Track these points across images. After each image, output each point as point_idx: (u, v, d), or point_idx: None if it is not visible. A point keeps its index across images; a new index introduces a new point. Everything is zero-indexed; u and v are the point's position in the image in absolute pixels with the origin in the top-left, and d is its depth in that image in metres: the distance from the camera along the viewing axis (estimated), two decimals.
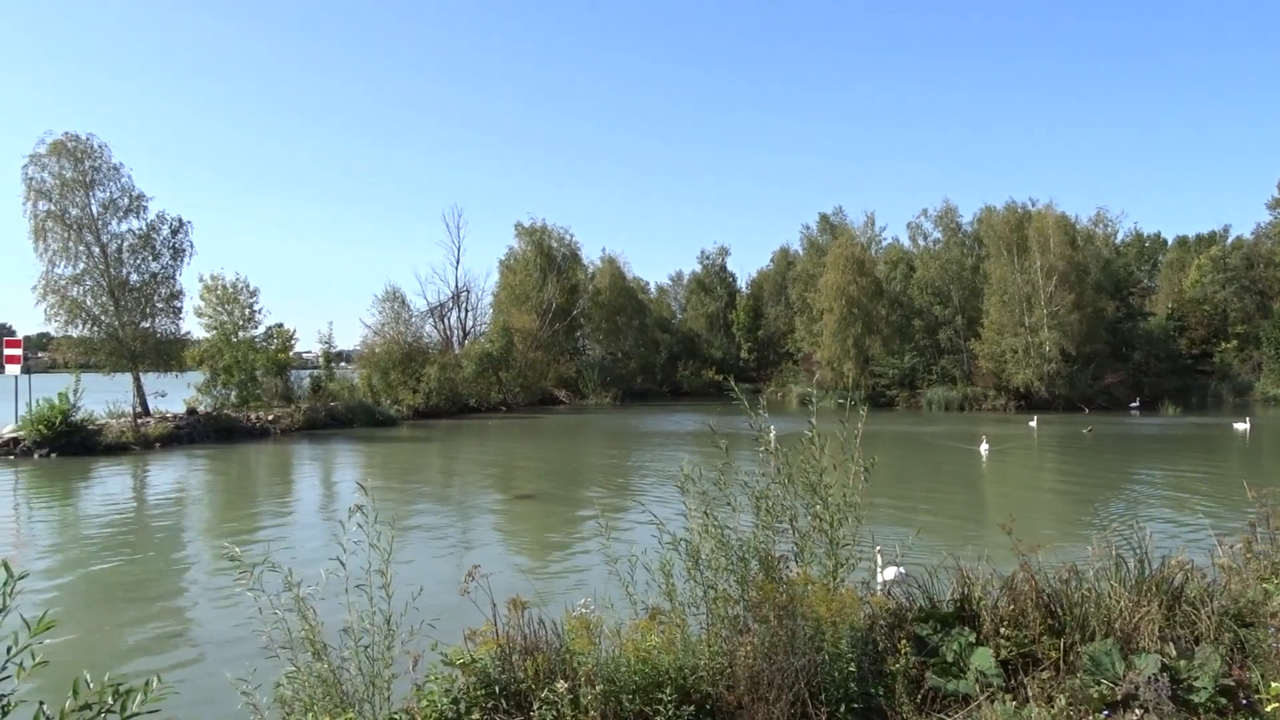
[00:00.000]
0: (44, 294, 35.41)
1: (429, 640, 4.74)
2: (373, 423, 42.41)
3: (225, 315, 40.96)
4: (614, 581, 5.19)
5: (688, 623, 4.87)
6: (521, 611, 4.91)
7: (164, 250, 38.11)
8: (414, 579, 4.57)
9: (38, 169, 35.46)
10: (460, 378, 52.92)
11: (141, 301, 37.22)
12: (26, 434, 30.04)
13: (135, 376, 36.86)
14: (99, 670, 3.00)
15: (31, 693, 2.79)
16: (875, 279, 60.15)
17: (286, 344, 42.82)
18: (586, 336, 72.97)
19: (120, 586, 13.30)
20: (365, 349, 52.25)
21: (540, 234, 68.25)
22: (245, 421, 37.58)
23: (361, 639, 4.55)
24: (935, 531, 15.32)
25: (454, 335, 63.09)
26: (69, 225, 35.69)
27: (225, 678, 7.81)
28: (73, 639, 9.92)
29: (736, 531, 5.06)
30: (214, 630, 10.69)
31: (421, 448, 34.81)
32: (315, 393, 43.66)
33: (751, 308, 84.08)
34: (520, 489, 23.18)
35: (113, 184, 36.81)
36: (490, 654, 4.68)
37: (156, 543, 16.87)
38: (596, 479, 25.30)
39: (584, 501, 20.95)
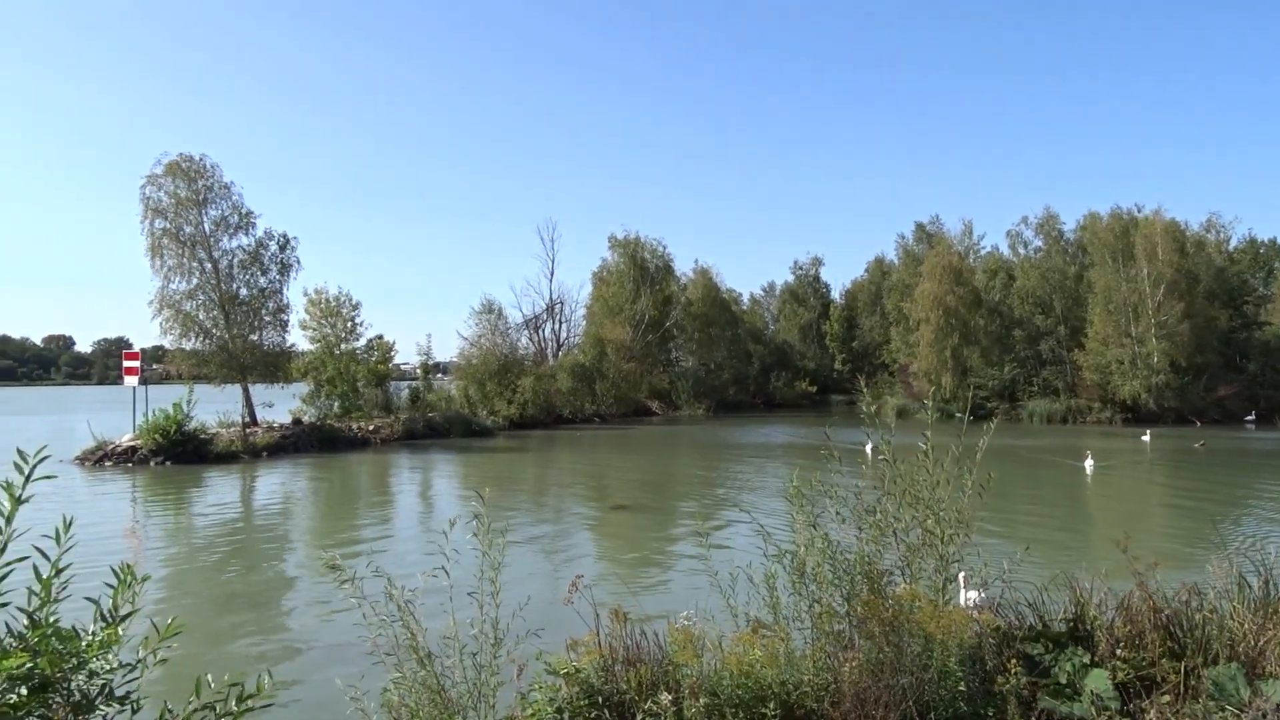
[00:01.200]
0: (160, 308, 36.93)
1: (533, 649, 4.79)
2: (469, 433, 43.09)
3: (328, 328, 42.11)
4: (713, 593, 5.18)
5: (791, 637, 4.84)
6: (624, 622, 4.94)
7: (271, 265, 39.40)
8: (514, 588, 4.64)
9: (154, 189, 37.05)
10: (555, 389, 53.43)
11: (250, 315, 38.52)
12: (144, 442, 31.35)
13: (244, 388, 38.13)
14: (210, 671, 3.11)
15: (151, 691, 2.91)
16: (973, 288, 58.85)
17: (386, 356, 43.81)
18: (679, 348, 72.89)
19: (230, 591, 13.76)
20: (462, 360, 53.11)
21: (633, 246, 68.55)
22: (347, 431, 38.55)
23: (467, 646, 4.62)
24: (1039, 549, 14.90)
25: (548, 347, 63.76)
26: (183, 242, 37.16)
27: (329, 683, 8.06)
28: (184, 640, 10.31)
29: (840, 545, 5.01)
30: (321, 636, 10.98)
31: (517, 458, 35.24)
32: (414, 403, 44.54)
33: (845, 318, 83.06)
34: (614, 500, 23.27)
35: (224, 202, 38.27)
36: (594, 664, 4.72)
37: (264, 549, 17.42)
38: (690, 490, 25.26)
39: (678, 513, 20.94)
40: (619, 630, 4.89)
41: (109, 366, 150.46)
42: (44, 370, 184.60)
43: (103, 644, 2.71)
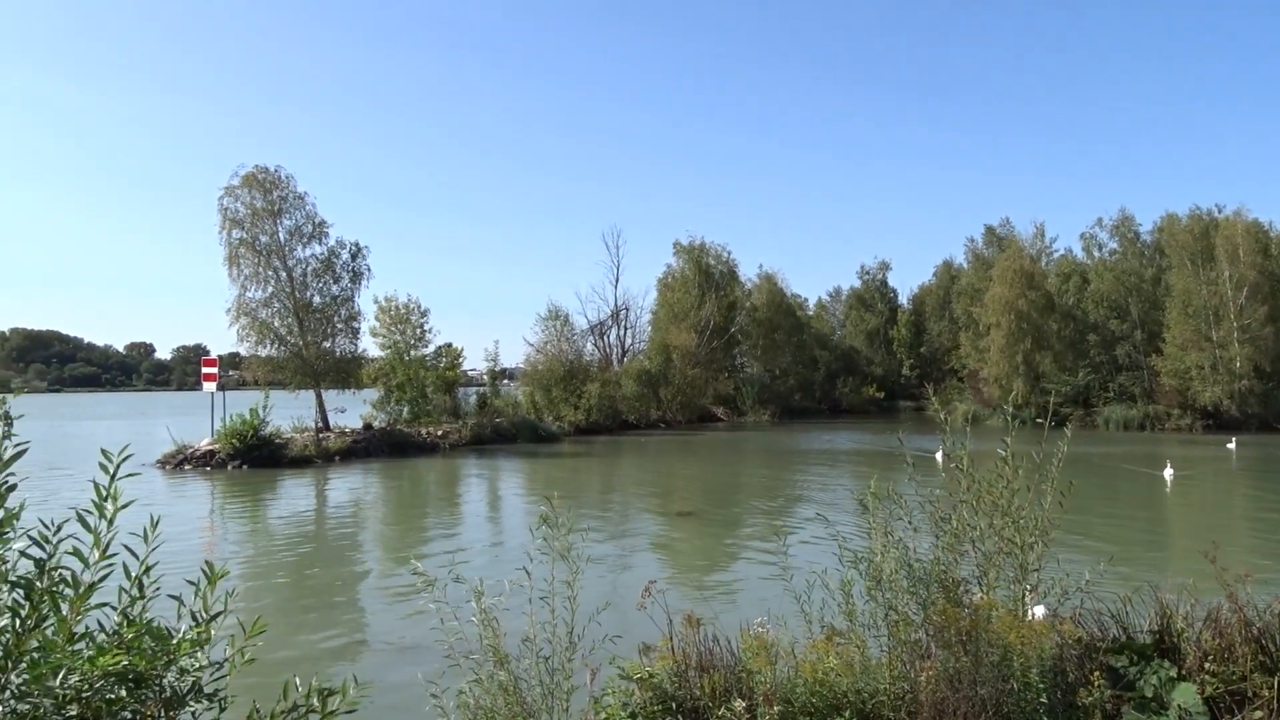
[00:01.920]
0: (236, 316, 37.81)
1: (606, 654, 4.80)
2: (536, 438, 43.38)
3: (398, 335, 42.76)
4: (785, 599, 5.14)
5: (867, 645, 4.78)
6: (697, 628, 4.92)
7: (344, 274, 40.11)
8: (584, 593, 4.66)
9: (232, 199, 38.01)
10: (620, 395, 53.58)
11: (323, 322, 39.26)
12: (221, 447, 32.14)
13: (317, 393, 38.86)
14: (289, 670, 3.16)
15: (234, 688, 2.97)
16: (1046, 292, 57.63)
17: (454, 362, 44.36)
18: (744, 354, 72.56)
19: (306, 591, 14.03)
20: (528, 366, 53.52)
21: (698, 252, 68.49)
22: (416, 437, 39.05)
23: (541, 650, 4.65)
24: (1118, 559, 14.53)
25: (614, 353, 63.97)
26: (259, 251, 38.03)
27: (404, 683, 8.18)
28: (264, 641, 10.53)
29: (915, 552, 4.94)
30: (395, 636, 11.13)
31: (583, 463, 35.38)
32: (481, 409, 44.98)
33: (913, 323, 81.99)
34: (680, 506, 23.24)
35: (298, 212, 39.09)
36: (667, 669, 4.71)
37: (338, 551, 17.73)
38: (756, 497, 25.12)
39: (745, 519, 20.84)
40: (692, 636, 4.88)
41: (188, 373, 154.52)
42: (126, 376, 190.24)
43: (193, 642, 2.77)
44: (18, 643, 2.50)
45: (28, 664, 2.50)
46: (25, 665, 2.50)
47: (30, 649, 2.52)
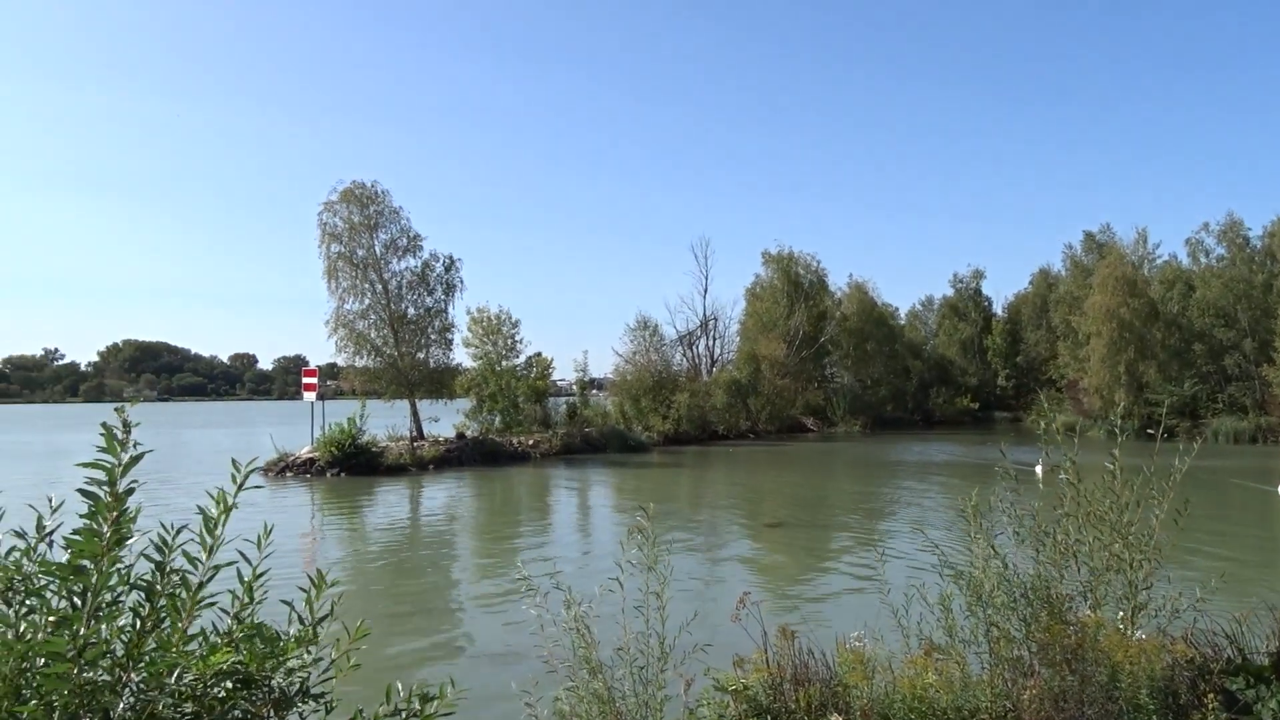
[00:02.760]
0: (335, 327, 38.83)
1: (699, 665, 4.78)
2: (625, 448, 43.52)
3: (490, 345, 43.33)
4: (881, 613, 5.05)
5: (967, 661, 4.66)
6: (791, 640, 4.87)
7: (437, 286, 40.85)
8: (676, 603, 4.64)
9: (330, 214, 39.07)
10: (709, 405, 53.42)
11: (418, 334, 40.04)
12: (321, 455, 33.02)
13: (412, 403, 39.60)
14: (388, 675, 3.22)
15: (337, 691, 3.03)
16: (1149, 300, 55.65)
17: (544, 372, 44.78)
18: (834, 364, 71.74)
19: (402, 597, 14.30)
20: (617, 377, 53.73)
21: (787, 261, 68.01)
22: (508, 446, 39.53)
23: (635, 660, 4.65)
24: (1229, 577, 13.91)
25: (702, 363, 63.84)
26: (356, 265, 39.00)
27: (498, 689, 8.27)
28: (364, 644, 10.77)
29: (1016, 567, 4.81)
30: (488, 643, 11.27)
31: (672, 474, 35.37)
32: (571, 419, 45.30)
33: (1009, 332, 79.98)
34: (770, 517, 23.04)
35: (393, 226, 39.94)
36: (761, 682, 4.67)
37: (432, 558, 18.03)
38: (848, 508, 24.77)
39: (836, 531, 20.57)
40: (786, 648, 4.83)
41: (288, 383, 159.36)
42: (230, 386, 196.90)
43: (299, 642, 2.85)
44: (138, 642, 2.61)
45: (146, 662, 2.60)
46: (144, 663, 2.60)
47: (149, 648, 2.62)
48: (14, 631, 2.61)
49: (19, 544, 2.79)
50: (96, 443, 2.58)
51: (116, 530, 2.57)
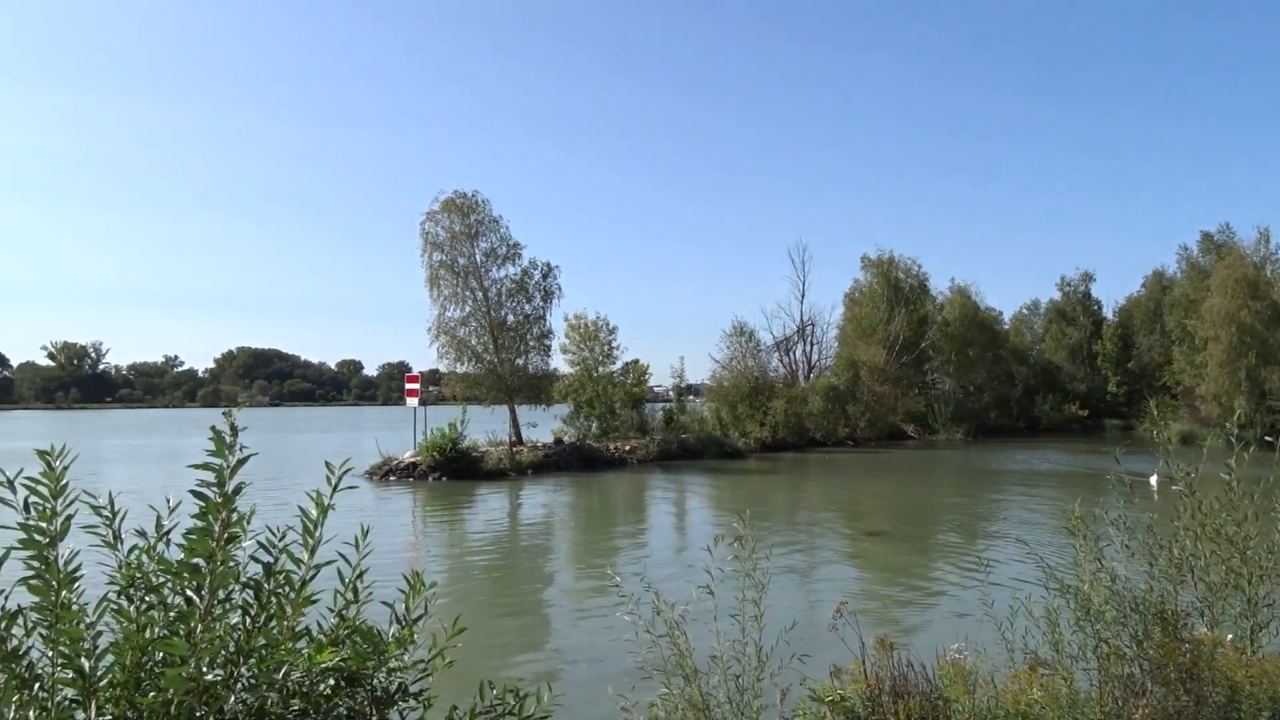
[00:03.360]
0: (437, 335, 39.61)
1: (795, 674, 4.73)
2: (721, 454, 43.32)
3: (587, 352, 43.65)
4: (983, 626, 4.92)
5: (1075, 677, 4.51)
6: (890, 651, 4.78)
7: (535, 293, 41.31)
8: (772, 611, 4.59)
9: (432, 224, 39.92)
10: (806, 411, 52.85)
11: (517, 340, 40.57)
12: (423, 459, 33.75)
13: (511, 408, 40.14)
14: (483, 674, 3.26)
15: (434, 689, 3.09)
16: (1272, 303, 53.03)
17: (641, 378, 44.93)
18: (936, 370, 70.20)
19: (500, 599, 14.52)
20: (714, 383, 53.53)
21: (887, 265, 66.85)
22: (605, 451, 39.78)
23: (730, 667, 4.62)
24: None
25: (800, 369, 63.22)
26: (457, 273, 39.75)
27: (592, 693, 8.32)
28: (460, 645, 10.97)
29: (1128, 581, 4.63)
30: (584, 647, 11.36)
31: (769, 480, 35.12)
32: (668, 425, 45.33)
33: (1119, 337, 77.11)
34: (869, 525, 22.71)
35: (493, 235, 40.54)
36: (859, 693, 4.59)
37: (530, 561, 18.27)
38: (949, 518, 24.22)
39: (937, 541, 20.15)
40: (885, 659, 4.74)
41: (392, 388, 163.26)
42: (337, 392, 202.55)
43: (400, 643, 2.92)
44: (247, 639, 2.70)
45: (256, 659, 2.70)
46: (254, 660, 2.70)
47: (258, 645, 2.72)
48: (135, 626, 2.74)
49: (139, 543, 2.92)
50: (208, 446, 2.69)
51: (227, 530, 2.68)
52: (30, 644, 2.71)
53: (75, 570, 2.74)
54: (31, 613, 2.72)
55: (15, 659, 2.64)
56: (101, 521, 2.92)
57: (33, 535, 2.69)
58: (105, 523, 2.93)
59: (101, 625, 2.73)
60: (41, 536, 2.69)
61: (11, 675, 2.59)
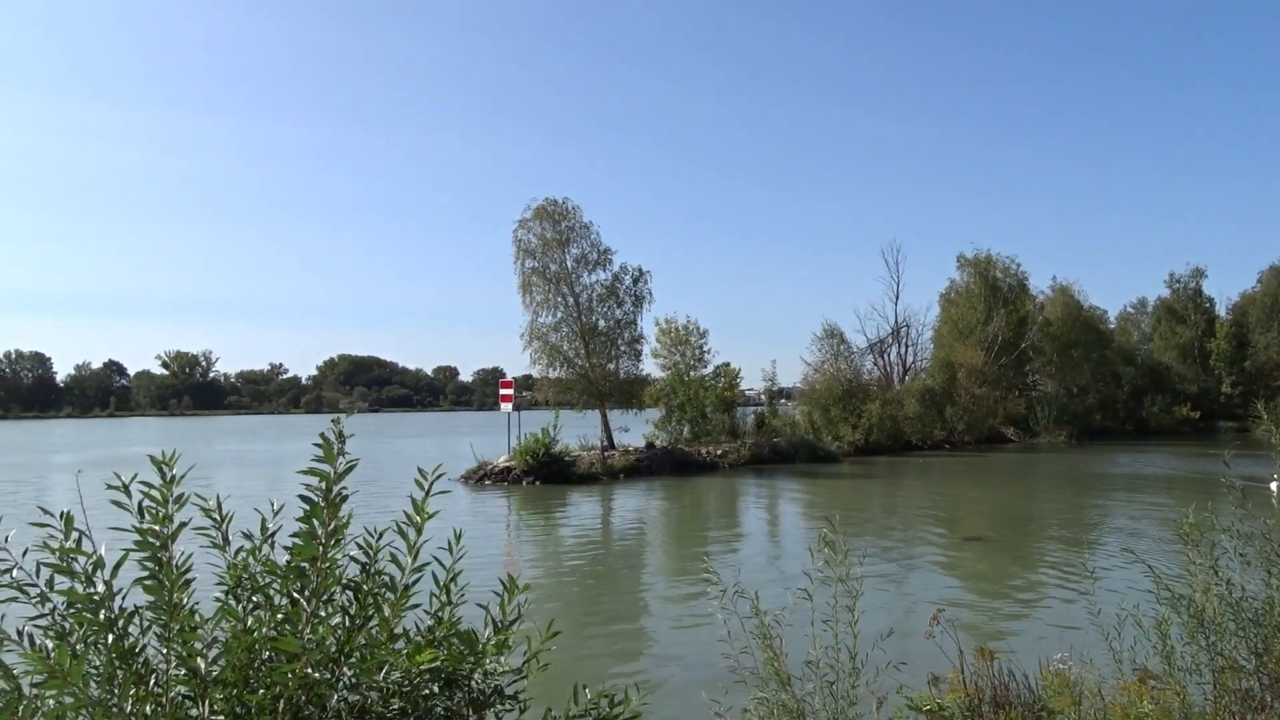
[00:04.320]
0: (529, 340, 40.17)
1: (892, 682, 4.65)
2: (814, 458, 42.86)
3: (678, 356, 43.66)
4: (1089, 635, 4.77)
5: (1187, 690, 4.33)
6: (990, 660, 4.67)
7: (626, 298, 41.55)
8: (867, 617, 4.52)
9: (524, 231, 40.49)
10: (902, 414, 51.97)
11: (608, 345, 40.86)
12: (517, 464, 34.18)
13: (603, 413, 40.42)
14: (577, 677, 3.28)
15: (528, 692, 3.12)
16: None
17: (732, 382, 44.71)
18: (1037, 371, 68.25)
19: (592, 603, 14.62)
20: (806, 386, 53.03)
21: (984, 264, 65.23)
22: (697, 455, 39.69)
23: (826, 674, 4.57)
24: None
25: (894, 371, 62.22)
26: (549, 279, 40.21)
27: (686, 696, 8.31)
28: (554, 649, 11.08)
29: (1245, 591, 4.43)
30: (676, 650, 11.36)
31: (863, 484, 34.63)
32: (760, 428, 45.05)
33: (1234, 335, 73.94)
34: (967, 531, 22.19)
35: (584, 241, 40.91)
36: (958, 702, 4.50)
37: (623, 565, 18.35)
38: (1051, 523, 23.52)
39: (1038, 547, 19.59)
40: (985, 668, 4.64)
41: (487, 394, 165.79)
42: (433, 397, 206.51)
43: (495, 646, 2.96)
44: (348, 639, 2.78)
45: (357, 659, 2.77)
46: (355, 660, 2.77)
47: (358, 645, 2.79)
48: (242, 625, 2.84)
49: (246, 545, 3.03)
50: (312, 452, 2.77)
51: (332, 534, 2.76)
52: (146, 642, 2.82)
53: (187, 571, 2.85)
54: (147, 612, 2.83)
55: (132, 656, 2.75)
56: (212, 524, 3.03)
57: (148, 538, 2.80)
58: (215, 525, 3.04)
59: (212, 624, 2.83)
60: (155, 539, 2.81)
61: (129, 672, 2.70)
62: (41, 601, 2.83)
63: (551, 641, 3.03)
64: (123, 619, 2.79)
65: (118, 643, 2.75)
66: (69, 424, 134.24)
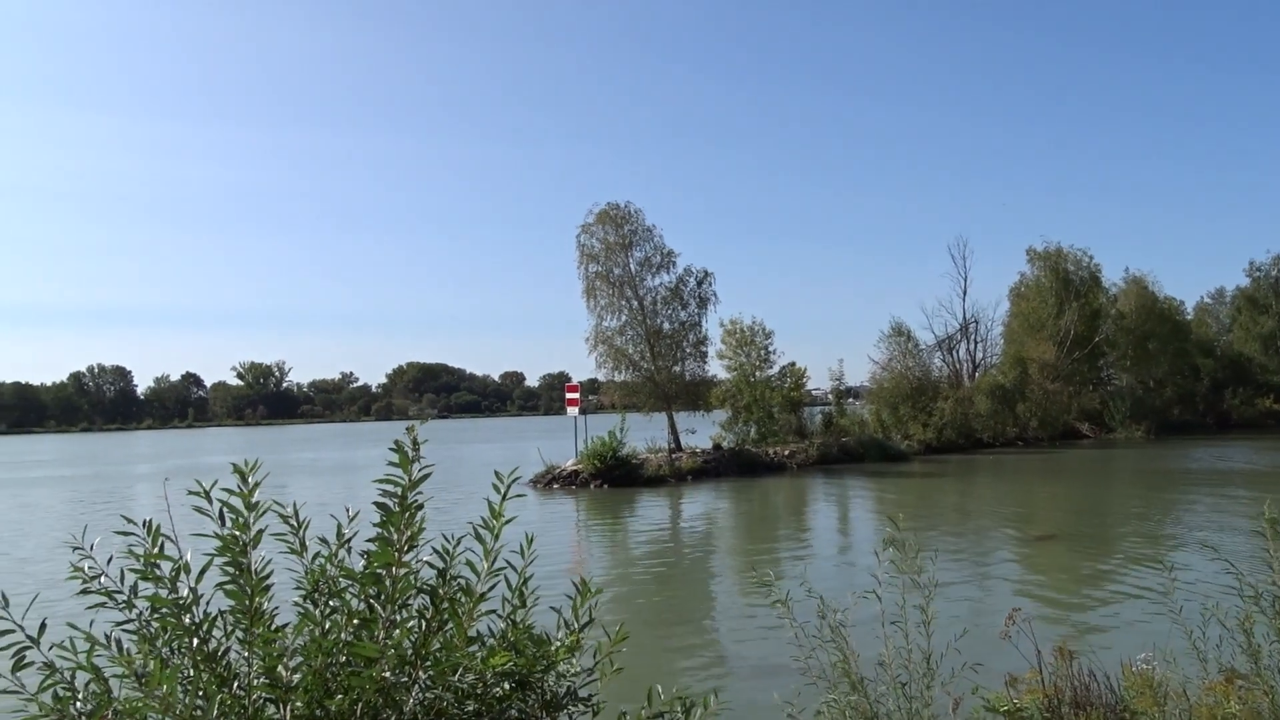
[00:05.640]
0: (595, 344, 40.33)
1: (967, 683, 4.59)
2: (884, 457, 42.35)
3: (744, 357, 43.46)
4: (1171, 635, 4.65)
5: (1278, 691, 4.20)
6: (1069, 660, 4.58)
7: (690, 300, 41.47)
8: (939, 618, 4.45)
9: (588, 236, 40.68)
10: (972, 412, 51.12)
11: (673, 347, 40.84)
12: (584, 467, 34.35)
13: (669, 415, 40.40)
14: (647, 680, 3.29)
15: (602, 696, 3.14)
16: None
17: (799, 382, 44.37)
18: (1111, 365, 66.57)
19: (662, 605, 14.63)
20: (874, 384, 52.46)
21: (1055, 257, 63.78)
22: (764, 456, 39.48)
23: (898, 675, 4.52)
24: None
25: (963, 368, 61.21)
26: (613, 283, 40.34)
27: (756, 697, 8.28)
28: (625, 651, 11.11)
29: None
30: (747, 651, 11.33)
31: (934, 483, 34.14)
32: (827, 428, 44.67)
33: None
34: (1042, 529, 21.75)
35: (647, 244, 40.97)
36: (1036, 704, 4.42)
37: (692, 567, 18.33)
38: (1129, 520, 22.94)
39: (1116, 545, 19.11)
40: (1064, 668, 4.55)
41: (553, 398, 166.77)
42: (501, 403, 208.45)
43: (568, 648, 2.99)
44: (424, 642, 2.83)
45: (432, 661, 2.82)
46: (430, 663, 2.82)
47: (434, 648, 2.84)
48: (320, 629, 2.91)
49: (322, 550, 3.10)
50: (384, 458, 2.83)
51: (408, 540, 2.82)
52: (229, 646, 2.91)
53: (267, 576, 2.93)
54: (229, 616, 2.92)
55: (215, 660, 2.84)
56: (289, 530, 3.11)
57: (229, 544, 2.89)
58: (292, 531, 3.12)
59: (294, 631, 2.90)
60: (236, 545, 2.89)
61: (213, 675, 2.79)
62: (128, 607, 2.93)
63: (622, 644, 3.05)
64: (206, 624, 2.88)
65: (201, 646, 2.84)
66: (149, 435, 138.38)
